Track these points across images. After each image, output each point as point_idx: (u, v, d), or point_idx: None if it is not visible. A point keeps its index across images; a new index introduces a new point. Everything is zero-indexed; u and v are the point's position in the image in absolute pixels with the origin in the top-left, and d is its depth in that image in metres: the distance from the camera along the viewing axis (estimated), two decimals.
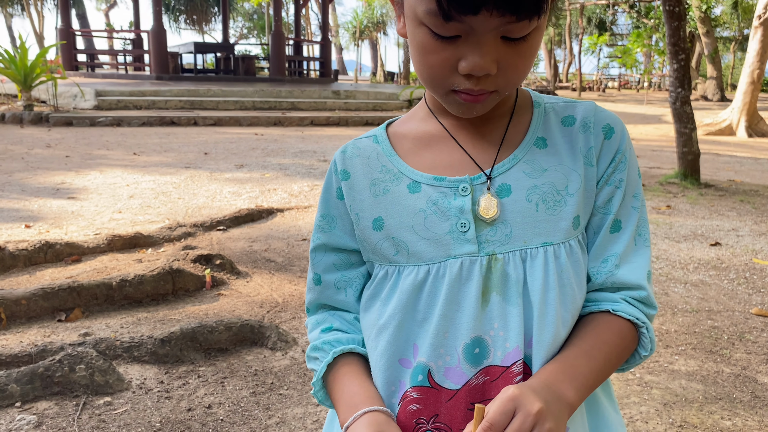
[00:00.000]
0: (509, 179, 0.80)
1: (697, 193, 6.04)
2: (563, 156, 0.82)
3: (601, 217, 0.83)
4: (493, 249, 0.79)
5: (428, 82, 0.77)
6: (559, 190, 0.80)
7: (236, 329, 2.53)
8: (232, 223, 4.35)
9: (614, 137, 0.83)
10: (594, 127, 0.83)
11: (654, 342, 0.83)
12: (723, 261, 3.90)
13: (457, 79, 0.72)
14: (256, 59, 20.60)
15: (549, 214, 0.79)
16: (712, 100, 23.57)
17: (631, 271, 0.82)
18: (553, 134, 0.83)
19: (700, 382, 2.39)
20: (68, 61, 16.69)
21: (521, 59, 0.72)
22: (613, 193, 0.83)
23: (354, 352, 0.86)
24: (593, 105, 0.85)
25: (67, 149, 7.56)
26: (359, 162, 0.87)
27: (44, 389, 2.11)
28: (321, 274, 0.91)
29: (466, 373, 0.77)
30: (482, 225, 0.79)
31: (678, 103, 6.27)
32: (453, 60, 0.71)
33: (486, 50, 0.69)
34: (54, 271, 3.31)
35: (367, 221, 0.84)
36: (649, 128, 13.61)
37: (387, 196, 0.84)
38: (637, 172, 0.86)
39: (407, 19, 0.74)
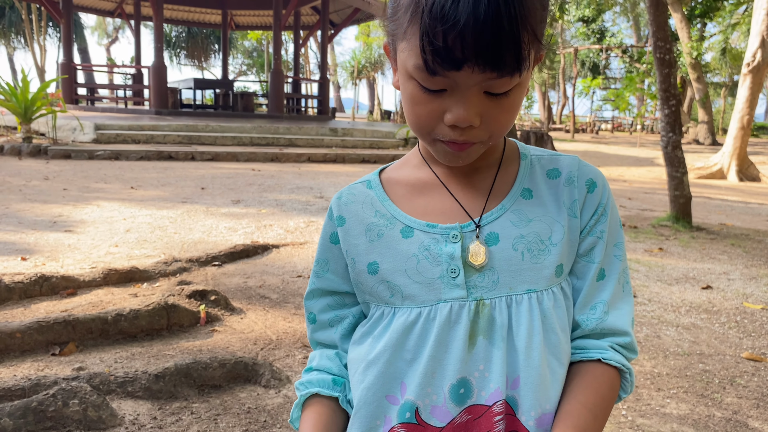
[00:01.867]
0: (497, 228, 0.85)
1: (688, 236, 6.11)
2: (548, 207, 0.87)
3: (585, 264, 0.88)
4: (481, 294, 0.83)
5: (417, 131, 0.81)
6: (543, 240, 0.85)
7: (230, 366, 2.53)
8: (227, 259, 4.37)
9: (596, 191, 0.88)
10: (578, 180, 0.88)
11: (633, 384, 0.88)
12: (714, 304, 3.94)
13: (443, 130, 0.77)
14: (254, 96, 20.87)
15: (533, 263, 0.84)
16: (704, 143, 23.92)
17: (618, 317, 0.86)
18: (539, 186, 0.88)
19: (692, 426, 2.40)
20: (69, 94, 16.87)
21: (504, 113, 0.77)
22: (596, 243, 0.88)
23: (319, 395, 0.92)
24: (576, 159, 0.91)
25: (64, 182, 7.60)
26: (354, 208, 0.92)
27: (37, 424, 2.10)
28: (316, 314, 0.97)
29: (451, 411, 0.81)
30: (471, 271, 0.83)
31: (669, 148, 6.40)
32: (439, 111, 0.76)
33: (469, 104, 0.74)
34: (49, 304, 3.32)
35: (363, 265, 0.89)
36: (642, 170, 13.78)
37: (381, 240, 0.88)
38: (619, 223, 0.90)
39: (399, 73, 0.79)
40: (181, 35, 37.27)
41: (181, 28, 35.81)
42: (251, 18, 22.82)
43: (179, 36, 37.35)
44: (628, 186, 10.61)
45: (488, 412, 0.81)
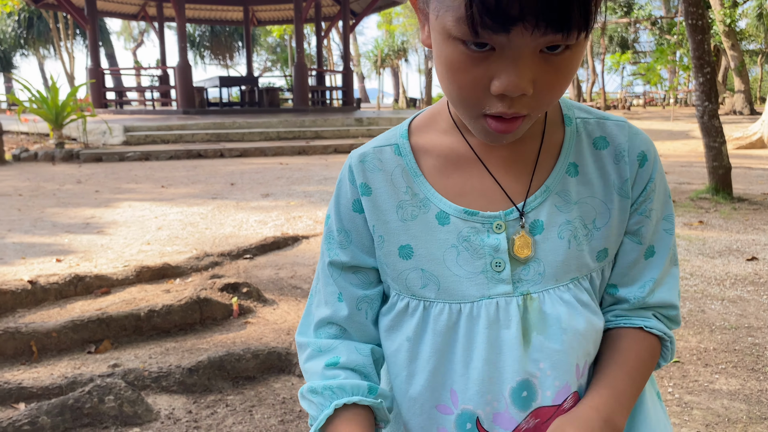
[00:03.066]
0: (541, 215, 0.77)
1: (730, 207, 5.90)
2: (594, 186, 0.79)
3: (633, 244, 0.82)
4: (527, 288, 0.76)
5: (458, 104, 0.70)
6: (587, 224, 0.78)
7: (263, 357, 2.51)
8: (258, 252, 4.37)
9: (647, 165, 0.80)
10: (629, 155, 0.79)
11: (674, 353, 0.84)
12: (761, 276, 3.78)
13: (489, 101, 0.65)
14: (279, 91, 20.94)
15: (579, 251, 0.78)
16: (742, 113, 23.19)
17: (666, 292, 0.82)
18: (585, 159, 0.79)
19: (743, 402, 2.29)
20: (97, 99, 17.16)
21: (560, 77, 0.65)
22: (644, 222, 0.81)
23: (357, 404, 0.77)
24: (626, 125, 0.81)
25: (96, 184, 7.72)
26: (381, 178, 0.80)
27: (74, 421, 2.11)
28: (342, 292, 0.83)
29: (515, 417, 0.75)
30: (516, 263, 0.76)
31: (705, 117, 6.17)
32: (485, 79, 0.64)
33: (523, 67, 0.62)
34: (84, 303, 3.35)
35: (393, 246, 0.79)
36: (677, 144, 13.42)
37: (415, 222, 0.78)
38: (668, 194, 0.83)
39: (433, 31, 0.67)
40: (204, 35, 37.60)
41: (204, 27, 36.11)
42: (272, 13, 22.87)
43: (203, 35, 37.69)
44: (664, 160, 10.33)
45: (558, 411, 0.76)
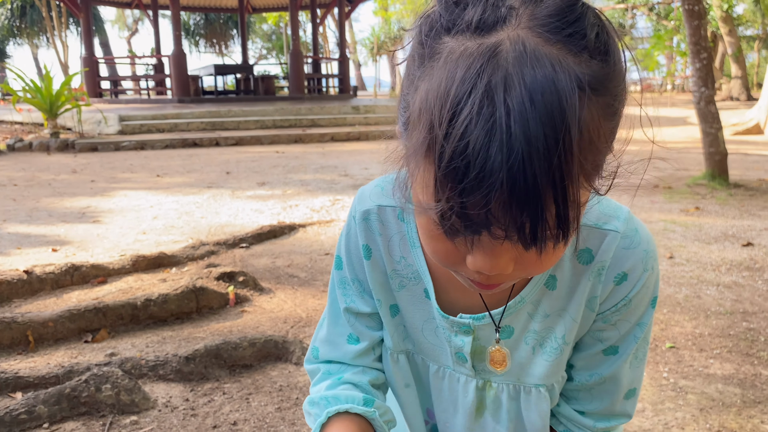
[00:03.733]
0: (513, 322, 0.79)
1: (726, 193, 5.91)
2: (568, 300, 0.77)
3: (594, 339, 0.80)
4: (489, 377, 0.82)
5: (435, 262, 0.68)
6: (556, 337, 0.79)
7: (260, 345, 2.51)
8: (254, 240, 4.36)
9: (625, 285, 0.74)
10: (607, 274, 0.74)
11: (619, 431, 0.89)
12: (756, 261, 3.80)
13: (465, 269, 0.60)
14: (275, 78, 20.83)
15: (544, 359, 0.79)
16: (739, 99, 23.15)
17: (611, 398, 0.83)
18: (564, 272, 0.76)
19: (738, 386, 2.30)
20: (92, 88, 17.05)
21: (545, 259, 0.58)
22: (609, 329, 0.79)
23: (349, 412, 0.80)
24: (617, 236, 0.72)
25: (92, 174, 7.69)
26: (381, 242, 0.82)
27: (71, 410, 2.11)
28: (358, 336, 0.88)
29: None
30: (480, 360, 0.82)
31: (702, 103, 6.16)
32: (461, 252, 0.59)
33: (499, 251, 0.55)
34: (80, 293, 3.34)
35: (386, 308, 0.85)
36: (675, 130, 13.40)
37: (404, 291, 0.83)
38: (649, 304, 0.78)
39: (413, 190, 0.59)
40: (199, 23, 37.32)
41: (198, 15, 35.84)
42: (267, 0, 22.70)
43: (197, 23, 37.41)
44: (661, 146, 10.30)
45: None
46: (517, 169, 0.46)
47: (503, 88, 0.46)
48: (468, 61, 0.48)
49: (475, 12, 0.51)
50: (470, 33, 0.50)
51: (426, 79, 0.51)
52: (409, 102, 0.54)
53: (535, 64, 0.46)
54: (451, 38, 0.51)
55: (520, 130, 0.45)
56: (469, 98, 0.46)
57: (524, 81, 0.46)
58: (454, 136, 0.47)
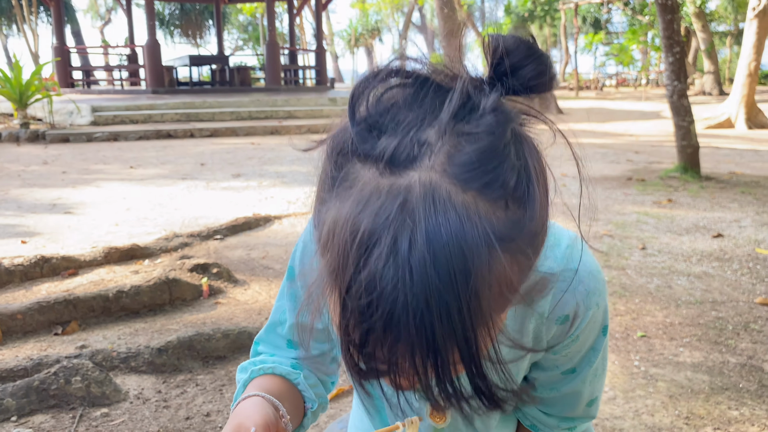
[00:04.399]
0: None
1: (698, 186, 6.01)
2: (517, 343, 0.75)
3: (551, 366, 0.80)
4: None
5: None
6: None
7: (234, 336, 2.50)
8: (229, 232, 4.32)
9: (569, 324, 0.72)
10: (548, 317, 0.72)
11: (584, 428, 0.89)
12: (726, 252, 3.87)
13: None
14: (251, 70, 20.63)
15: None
16: (711, 94, 23.55)
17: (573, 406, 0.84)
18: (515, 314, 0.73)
19: (706, 373, 2.35)
20: (64, 78, 16.72)
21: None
22: (563, 359, 0.78)
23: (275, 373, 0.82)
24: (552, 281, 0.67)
25: (63, 165, 7.55)
26: None
27: (40, 402, 2.08)
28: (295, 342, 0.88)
29: None
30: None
31: (675, 97, 6.25)
32: None
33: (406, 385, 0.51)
34: (50, 285, 3.28)
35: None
36: (648, 124, 13.58)
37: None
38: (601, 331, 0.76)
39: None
40: (174, 12, 36.78)
41: (173, 5, 35.31)
42: None
43: (172, 13, 36.85)
44: (635, 140, 10.45)
45: None
46: (418, 329, 0.44)
47: (408, 244, 0.43)
48: (377, 203, 0.45)
49: (389, 144, 0.48)
50: (383, 166, 0.47)
51: (336, 204, 0.49)
52: (320, 220, 0.52)
53: (443, 219, 0.44)
54: (362, 166, 0.49)
55: (422, 291, 0.43)
56: (374, 249, 0.44)
57: (430, 238, 0.43)
58: (357, 288, 0.45)
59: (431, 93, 0.51)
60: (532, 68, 0.51)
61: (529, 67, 0.51)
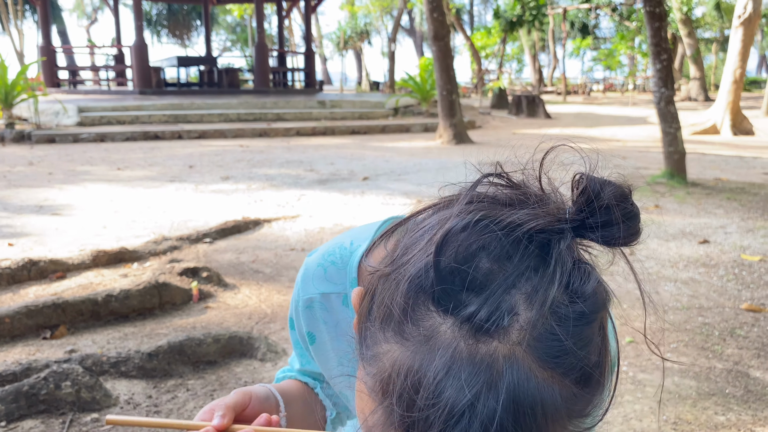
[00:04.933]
0: None
1: (684, 192, 6.08)
2: None
3: None
4: None
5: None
6: None
7: (224, 341, 2.49)
8: (218, 235, 4.31)
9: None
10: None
11: None
12: (712, 258, 3.92)
13: None
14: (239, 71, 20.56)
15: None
16: (697, 100, 23.81)
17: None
18: None
19: (693, 379, 2.38)
20: (50, 78, 16.57)
21: None
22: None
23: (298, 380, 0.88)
24: None
25: (50, 166, 7.48)
26: (326, 329, 0.81)
27: (29, 408, 2.06)
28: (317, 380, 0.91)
29: None
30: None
31: (662, 103, 6.32)
32: None
33: None
34: (38, 288, 3.26)
35: (338, 387, 0.85)
36: (636, 129, 13.71)
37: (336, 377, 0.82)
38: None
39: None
40: (161, 12, 36.58)
41: (161, 5, 35.12)
42: None
43: (160, 14, 36.66)
44: (622, 145, 10.55)
45: None
46: None
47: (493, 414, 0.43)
48: (459, 367, 0.44)
49: (478, 307, 0.45)
50: (466, 327, 0.45)
51: (405, 351, 0.47)
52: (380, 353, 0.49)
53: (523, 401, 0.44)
54: (441, 318, 0.46)
55: None
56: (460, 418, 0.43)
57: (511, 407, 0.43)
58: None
59: (524, 241, 0.47)
60: (626, 228, 0.49)
61: (624, 226, 0.49)
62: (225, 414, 0.66)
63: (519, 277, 0.46)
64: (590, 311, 0.47)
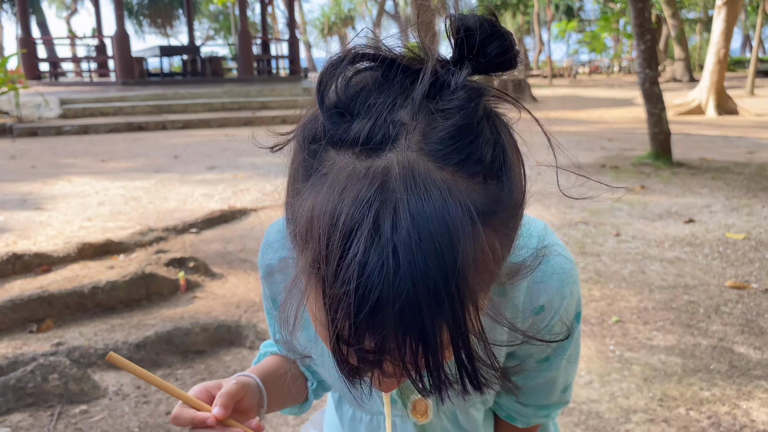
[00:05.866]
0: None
1: (669, 172, 6.11)
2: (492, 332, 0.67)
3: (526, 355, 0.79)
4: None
5: None
6: None
7: (213, 330, 2.48)
8: (205, 225, 4.29)
9: (544, 314, 0.72)
10: (522, 308, 0.71)
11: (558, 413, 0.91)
12: (697, 237, 3.95)
13: None
14: (223, 60, 20.36)
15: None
16: (682, 81, 23.89)
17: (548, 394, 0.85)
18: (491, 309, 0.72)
19: (679, 356, 2.40)
20: (30, 70, 16.32)
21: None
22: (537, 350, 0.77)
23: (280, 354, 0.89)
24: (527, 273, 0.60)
25: (32, 159, 7.39)
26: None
27: (17, 401, 2.05)
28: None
29: None
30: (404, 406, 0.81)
31: (647, 84, 6.34)
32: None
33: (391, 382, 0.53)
34: (23, 282, 3.23)
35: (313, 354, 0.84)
36: (621, 111, 13.75)
37: (318, 342, 0.77)
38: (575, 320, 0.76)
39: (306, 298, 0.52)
40: (143, 2, 36.09)
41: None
42: None
43: (141, 3, 36.17)
44: (608, 127, 10.58)
45: None
46: (407, 312, 0.43)
47: (392, 225, 0.43)
48: (356, 187, 0.45)
49: (363, 127, 0.47)
50: (357, 150, 0.47)
51: (312, 193, 0.48)
52: (296, 213, 0.50)
53: (425, 196, 0.44)
54: (336, 153, 0.48)
55: (409, 272, 0.42)
56: (357, 235, 0.43)
57: (413, 217, 0.43)
58: (342, 278, 0.44)
59: (400, 74, 0.50)
60: (496, 46, 0.50)
61: (494, 45, 0.50)
62: (227, 404, 0.68)
63: (399, 96, 0.49)
64: (468, 99, 0.49)
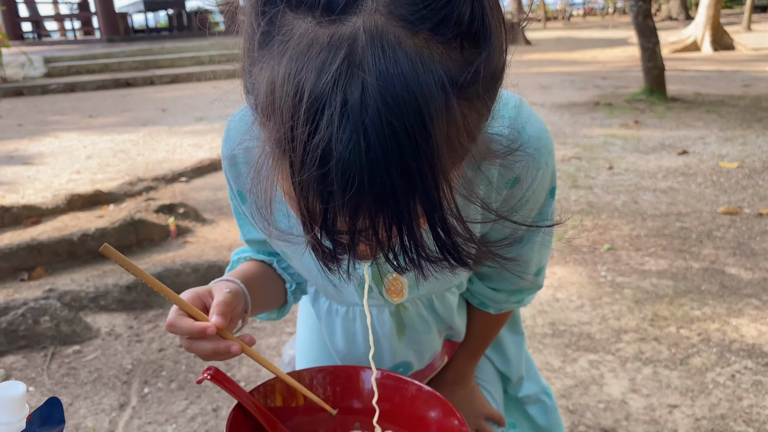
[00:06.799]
0: None
1: (664, 107, 6.04)
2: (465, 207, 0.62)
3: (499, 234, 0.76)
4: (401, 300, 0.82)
5: None
6: None
7: (204, 270, 2.48)
8: (194, 174, 4.25)
9: (518, 187, 0.70)
10: (497, 179, 0.69)
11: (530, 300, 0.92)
12: (691, 167, 3.92)
13: None
14: (210, 13, 19.87)
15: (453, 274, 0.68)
16: (678, 19, 23.46)
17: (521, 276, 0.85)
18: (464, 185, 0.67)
19: (670, 279, 2.41)
20: (12, 29, 15.95)
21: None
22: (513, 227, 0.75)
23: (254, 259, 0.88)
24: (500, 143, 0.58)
25: (18, 118, 7.28)
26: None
27: (10, 344, 2.05)
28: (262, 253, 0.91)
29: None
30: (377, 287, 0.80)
31: (640, 17, 6.20)
32: None
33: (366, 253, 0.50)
34: (13, 234, 3.20)
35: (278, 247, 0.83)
36: (616, 51, 13.52)
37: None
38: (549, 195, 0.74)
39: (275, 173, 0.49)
40: None
41: None
42: None
43: None
44: (602, 67, 10.41)
45: (428, 367, 0.92)
46: (379, 187, 0.41)
47: (360, 100, 0.40)
48: (320, 58, 0.41)
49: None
50: (319, 14, 0.42)
51: (271, 62, 0.44)
52: (256, 83, 0.47)
53: (394, 68, 0.40)
54: (296, 16, 0.43)
55: (379, 146, 0.40)
56: (324, 110, 0.40)
57: (382, 91, 0.40)
58: (311, 156, 0.41)
59: None
60: None
61: None
62: (226, 313, 0.67)
63: None
64: None
